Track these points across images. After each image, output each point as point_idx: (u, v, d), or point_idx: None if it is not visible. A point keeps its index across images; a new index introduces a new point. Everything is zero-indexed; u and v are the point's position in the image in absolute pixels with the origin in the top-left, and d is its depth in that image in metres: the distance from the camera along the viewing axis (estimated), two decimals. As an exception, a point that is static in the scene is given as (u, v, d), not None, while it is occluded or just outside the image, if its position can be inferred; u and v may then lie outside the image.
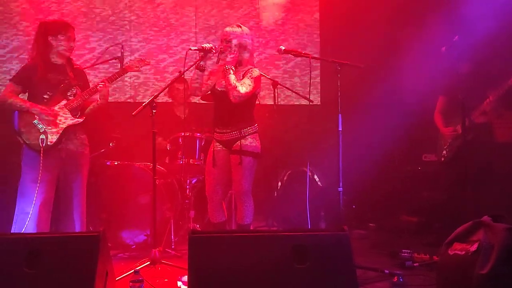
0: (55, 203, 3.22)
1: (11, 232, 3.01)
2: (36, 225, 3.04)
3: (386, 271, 2.98)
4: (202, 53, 3.18)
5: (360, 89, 4.74)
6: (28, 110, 3.10)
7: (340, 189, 3.07)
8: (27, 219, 3.00)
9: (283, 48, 3.29)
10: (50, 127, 3.12)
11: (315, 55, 4.34)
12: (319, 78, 5.30)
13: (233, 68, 3.18)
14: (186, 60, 3.09)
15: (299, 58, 4.97)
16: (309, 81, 3.27)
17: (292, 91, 4.00)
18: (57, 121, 3.14)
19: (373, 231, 4.73)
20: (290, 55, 3.39)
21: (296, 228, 3.26)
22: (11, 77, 3.27)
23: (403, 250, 3.39)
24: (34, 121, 3.10)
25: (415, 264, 3.23)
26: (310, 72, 3.17)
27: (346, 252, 2.16)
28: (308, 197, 3.45)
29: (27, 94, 3.23)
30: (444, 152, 4.08)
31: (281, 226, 4.43)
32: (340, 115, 3.08)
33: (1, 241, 1.99)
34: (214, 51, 3.18)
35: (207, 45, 3.17)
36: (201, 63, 3.21)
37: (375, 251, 3.87)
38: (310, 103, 3.74)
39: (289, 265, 2.11)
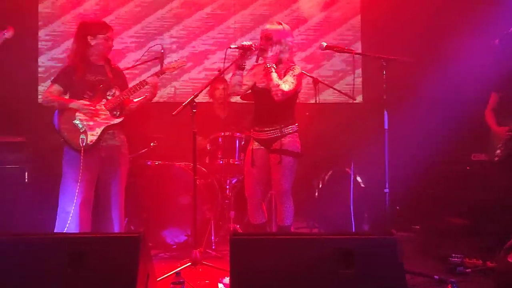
0: (95, 202, 3.26)
1: (55, 231, 3.07)
2: (77, 224, 3.09)
3: (436, 277, 2.83)
4: (241, 51, 3.13)
5: (405, 85, 4.56)
6: (67, 105, 3.14)
7: (387, 190, 2.94)
8: (68, 218, 3.05)
9: (325, 44, 3.19)
10: (90, 123, 3.14)
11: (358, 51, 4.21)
12: (361, 75, 5.14)
13: (274, 66, 3.12)
14: (226, 59, 3.06)
15: (340, 54, 4.83)
16: (352, 78, 3.15)
17: (333, 88, 3.88)
18: (96, 120, 3.17)
19: (418, 233, 4.54)
20: (331, 51, 3.30)
21: (341, 231, 3.16)
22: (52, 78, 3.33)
23: (453, 255, 3.18)
24: (75, 121, 3.15)
25: (467, 270, 3.05)
26: (354, 69, 3.07)
27: (394, 258, 2.05)
28: (352, 199, 3.34)
29: (68, 94, 3.27)
30: (498, 151, 3.87)
31: (322, 227, 4.34)
32: (386, 112, 2.94)
33: (45, 241, 2.02)
34: (253, 49, 3.14)
35: (246, 43, 3.13)
36: (241, 61, 3.16)
37: (421, 254, 3.70)
38: (353, 101, 3.62)
39: (334, 270, 2.03)
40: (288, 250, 2.09)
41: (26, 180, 4.19)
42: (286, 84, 3.11)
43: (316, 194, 4.60)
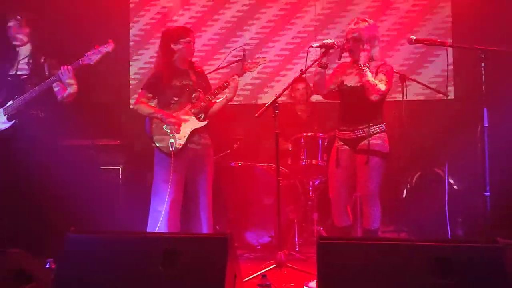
0: (183, 202, 3.38)
1: (147, 229, 3.22)
2: (167, 223, 3.21)
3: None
4: (323, 50, 3.07)
5: (505, 79, 4.17)
6: (154, 115, 3.29)
7: (487, 193, 2.69)
8: (160, 217, 3.19)
9: (414, 37, 3.01)
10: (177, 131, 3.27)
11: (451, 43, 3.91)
12: (452, 69, 4.80)
13: (368, 65, 3.03)
14: (307, 58, 3.02)
15: (428, 48, 4.53)
16: (446, 73, 2.94)
17: (423, 85, 3.67)
18: (183, 124, 3.28)
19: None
20: (420, 44, 3.11)
21: (436, 238, 2.96)
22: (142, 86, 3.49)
23: None
24: (164, 126, 3.29)
25: None
26: (447, 63, 2.86)
27: (500, 268, 1.87)
28: (447, 203, 3.12)
29: (157, 100, 3.42)
30: None
31: (412, 231, 4.12)
32: (485, 109, 2.70)
33: (139, 240, 2.11)
34: (336, 46, 3.05)
35: (328, 41, 3.05)
36: (323, 60, 3.10)
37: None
38: (445, 98, 3.39)
39: (429, 280, 1.89)
40: (379, 256, 1.99)
41: (120, 181, 4.45)
42: (382, 83, 3.02)
43: (404, 196, 4.39)
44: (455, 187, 4.35)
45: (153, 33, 5.18)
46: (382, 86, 3.00)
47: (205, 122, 3.35)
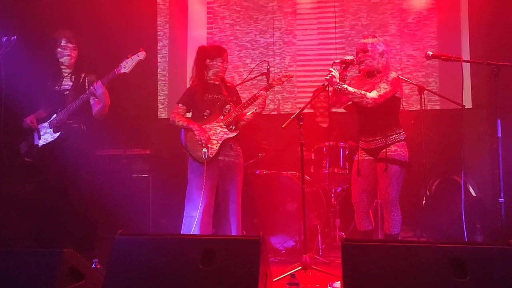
0: (215, 208, 3.58)
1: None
2: (200, 228, 3.41)
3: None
4: (344, 65, 3.28)
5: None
6: (189, 127, 3.52)
7: (502, 199, 2.84)
8: (193, 222, 3.40)
9: (431, 53, 3.20)
10: (211, 139, 3.48)
11: (466, 59, 4.08)
12: (469, 79, 4.93)
13: (343, 83, 3.18)
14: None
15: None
16: (461, 85, 3.10)
17: (440, 96, 3.82)
18: (214, 136, 3.50)
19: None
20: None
21: (453, 240, 3.09)
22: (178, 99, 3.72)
23: None
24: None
25: None
26: (462, 77, 3.02)
27: (512, 269, 2.01)
28: (463, 208, 3.25)
29: (191, 112, 3.66)
30: None
31: (431, 237, 4.24)
32: (499, 120, 2.86)
33: (181, 242, 2.32)
34: (355, 63, 3.28)
35: (348, 58, 3.29)
36: (344, 74, 3.29)
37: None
38: (463, 108, 3.54)
39: (447, 279, 2.04)
40: (399, 257, 2.12)
41: (150, 189, 4.70)
42: (375, 91, 3.18)
43: (423, 203, 4.50)
44: (474, 194, 4.46)
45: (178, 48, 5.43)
46: (372, 94, 3.17)
47: (236, 133, 3.56)
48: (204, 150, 3.44)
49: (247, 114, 3.64)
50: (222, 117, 3.56)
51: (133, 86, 5.26)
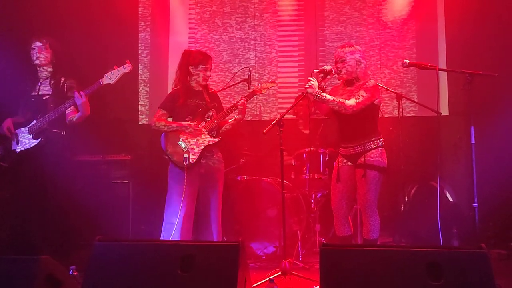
0: (195, 214, 3.57)
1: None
2: (180, 234, 3.39)
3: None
4: (322, 75, 3.34)
5: (493, 99, 4.41)
6: (176, 128, 3.48)
7: (475, 205, 2.91)
8: (173, 228, 3.38)
9: (408, 61, 3.28)
10: (192, 144, 3.46)
11: (441, 66, 4.18)
12: (446, 87, 5.05)
13: (321, 92, 3.24)
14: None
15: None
16: (436, 93, 3.18)
17: (418, 103, 3.90)
18: (198, 141, 3.49)
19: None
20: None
21: (429, 244, 3.16)
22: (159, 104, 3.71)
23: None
24: (179, 142, 3.48)
25: None
26: (438, 85, 3.09)
27: (485, 272, 2.07)
28: (439, 213, 3.32)
29: (172, 118, 3.64)
30: None
31: (409, 243, 4.30)
32: (472, 127, 2.94)
33: (159, 247, 2.32)
34: (333, 73, 3.36)
35: (327, 67, 3.38)
36: (322, 84, 3.35)
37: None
38: (439, 115, 3.63)
39: (423, 283, 2.08)
40: (377, 261, 2.16)
41: (131, 195, 4.66)
42: (353, 99, 3.25)
43: (402, 208, 4.57)
44: (451, 199, 4.55)
45: (159, 54, 5.43)
46: (350, 101, 3.24)
47: (218, 139, 3.55)
48: (185, 155, 3.43)
49: (229, 121, 3.65)
50: (204, 124, 3.56)
51: (114, 91, 5.20)
